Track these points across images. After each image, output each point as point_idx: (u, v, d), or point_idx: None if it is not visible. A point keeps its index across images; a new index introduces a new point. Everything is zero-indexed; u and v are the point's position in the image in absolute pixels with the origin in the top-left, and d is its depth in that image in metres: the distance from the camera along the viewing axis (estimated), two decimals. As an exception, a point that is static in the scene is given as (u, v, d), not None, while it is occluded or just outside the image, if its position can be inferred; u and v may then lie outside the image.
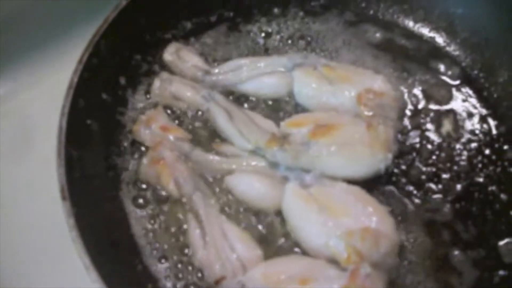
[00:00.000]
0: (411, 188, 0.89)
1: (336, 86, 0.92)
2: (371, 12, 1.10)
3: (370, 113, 0.87)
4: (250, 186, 0.86)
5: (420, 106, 0.98)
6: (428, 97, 0.99)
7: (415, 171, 0.91)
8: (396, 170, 0.90)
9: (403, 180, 0.90)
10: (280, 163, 0.87)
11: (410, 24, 1.08)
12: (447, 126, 0.96)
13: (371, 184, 0.87)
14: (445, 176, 0.90)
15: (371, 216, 0.79)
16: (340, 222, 0.78)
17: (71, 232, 0.72)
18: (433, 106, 0.98)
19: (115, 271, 0.74)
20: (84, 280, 0.69)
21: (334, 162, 0.84)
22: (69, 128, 0.80)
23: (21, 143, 1.06)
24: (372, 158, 0.84)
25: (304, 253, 0.81)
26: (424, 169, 0.91)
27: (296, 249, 0.82)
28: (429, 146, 0.93)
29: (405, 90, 1.00)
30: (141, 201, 0.88)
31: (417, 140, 0.94)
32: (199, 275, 0.81)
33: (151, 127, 0.92)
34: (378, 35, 1.07)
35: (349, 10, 1.10)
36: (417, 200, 0.88)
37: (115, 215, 0.85)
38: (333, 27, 1.08)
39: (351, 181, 0.84)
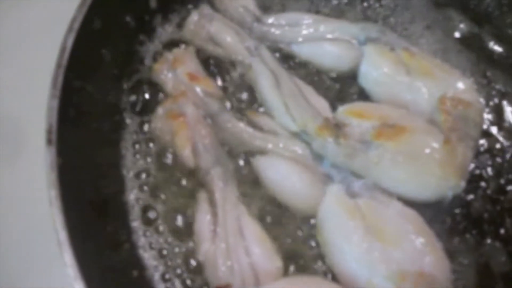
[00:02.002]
0: (469, 223, 0.70)
1: (414, 78, 0.70)
2: (464, -4, 0.88)
3: (450, 125, 0.67)
4: (285, 176, 0.66)
5: (497, 124, 0.78)
6: (508, 115, 0.79)
7: (478, 205, 0.71)
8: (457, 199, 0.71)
9: (463, 211, 0.71)
10: (326, 157, 0.67)
11: (504, 23, 0.87)
12: (525, 157, 0.76)
13: (426, 208, 0.68)
14: (510, 220, 0.72)
15: (427, 256, 0.60)
16: (390, 255, 0.59)
17: (49, 190, 0.52)
18: (512, 128, 0.78)
19: (95, 252, 0.55)
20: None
21: (395, 175, 0.64)
22: (76, 50, 0.59)
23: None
24: (442, 182, 0.64)
25: (333, 275, 0.63)
26: (488, 205, 0.72)
27: (322, 265, 0.64)
28: (500, 180, 0.74)
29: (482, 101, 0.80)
30: (144, 160, 0.67)
31: (488, 167, 0.74)
32: (192, 265, 0.62)
33: (176, 71, 0.71)
34: (462, 26, 0.86)
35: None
36: (472, 240, 0.70)
37: (108, 173, 0.64)
38: (416, 4, 0.85)
39: (407, 202, 0.65)
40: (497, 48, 0.85)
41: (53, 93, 0.56)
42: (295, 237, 0.66)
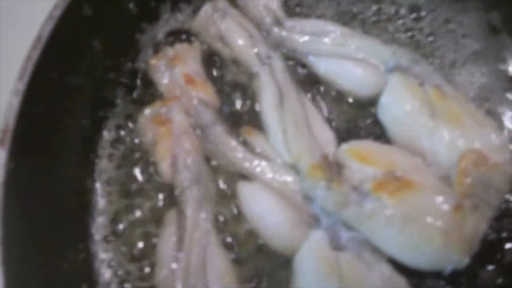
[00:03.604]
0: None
1: (438, 123, 0.59)
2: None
3: (465, 189, 0.56)
4: (267, 210, 0.58)
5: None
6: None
7: (487, 277, 0.61)
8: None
9: (467, 283, 0.60)
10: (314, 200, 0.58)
11: None
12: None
13: (420, 276, 0.58)
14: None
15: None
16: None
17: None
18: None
19: (41, 260, 0.50)
20: None
21: (390, 236, 0.54)
22: (55, 39, 0.52)
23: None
24: (442, 254, 0.54)
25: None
26: (500, 279, 0.61)
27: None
28: (514, 257, 0.62)
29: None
30: (121, 166, 0.60)
31: (503, 241, 0.62)
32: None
33: (174, 70, 0.63)
34: (518, 60, 0.72)
35: (497, 10, 0.73)
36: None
37: (76, 176, 0.58)
38: (463, 27, 0.72)
39: (398, 266, 0.56)
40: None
41: (17, 87, 0.49)
42: (270, 278, 0.58)
